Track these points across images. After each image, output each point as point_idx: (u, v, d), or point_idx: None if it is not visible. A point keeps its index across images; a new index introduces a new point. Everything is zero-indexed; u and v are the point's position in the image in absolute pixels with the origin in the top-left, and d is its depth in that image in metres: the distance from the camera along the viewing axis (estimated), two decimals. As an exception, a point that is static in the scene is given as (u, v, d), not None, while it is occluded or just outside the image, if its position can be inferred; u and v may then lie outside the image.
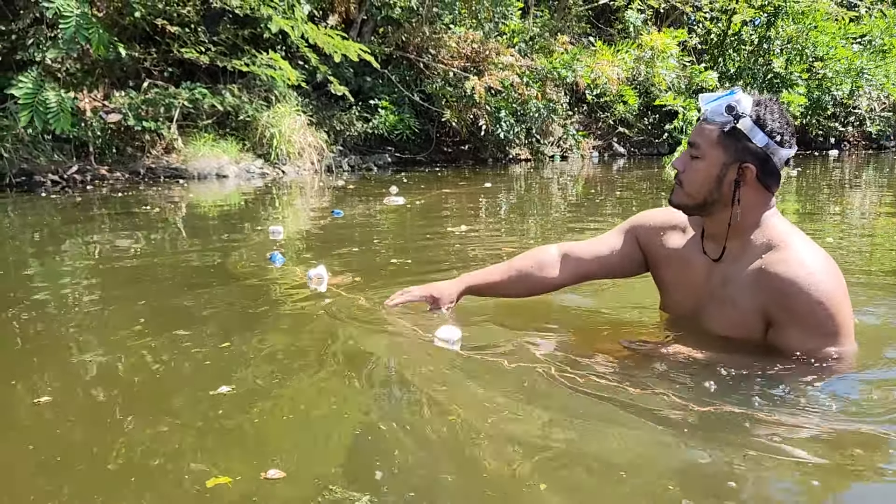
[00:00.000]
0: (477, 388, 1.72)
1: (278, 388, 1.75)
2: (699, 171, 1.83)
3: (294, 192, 7.64)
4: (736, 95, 1.78)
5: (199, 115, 8.72)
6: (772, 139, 1.76)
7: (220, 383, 1.75)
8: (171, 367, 1.91)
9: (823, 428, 1.50)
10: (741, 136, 1.76)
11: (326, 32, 8.36)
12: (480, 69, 10.87)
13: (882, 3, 17.08)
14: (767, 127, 1.76)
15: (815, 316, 1.73)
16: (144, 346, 2.07)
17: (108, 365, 1.93)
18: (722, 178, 1.80)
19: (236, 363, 1.92)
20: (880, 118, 17.10)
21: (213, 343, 2.07)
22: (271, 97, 9.22)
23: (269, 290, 2.83)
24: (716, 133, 1.79)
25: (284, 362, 1.94)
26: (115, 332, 2.22)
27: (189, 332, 2.17)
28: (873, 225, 4.85)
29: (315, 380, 1.83)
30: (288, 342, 2.12)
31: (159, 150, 8.33)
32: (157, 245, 3.98)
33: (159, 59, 8.91)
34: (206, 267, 3.28)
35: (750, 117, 1.76)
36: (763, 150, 1.76)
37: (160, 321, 2.33)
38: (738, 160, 1.78)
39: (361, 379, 1.81)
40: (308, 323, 2.29)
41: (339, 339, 2.12)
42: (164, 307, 2.52)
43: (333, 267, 3.04)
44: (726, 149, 1.79)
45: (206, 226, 4.85)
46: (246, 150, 8.90)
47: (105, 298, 2.68)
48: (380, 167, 10.53)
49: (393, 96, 10.80)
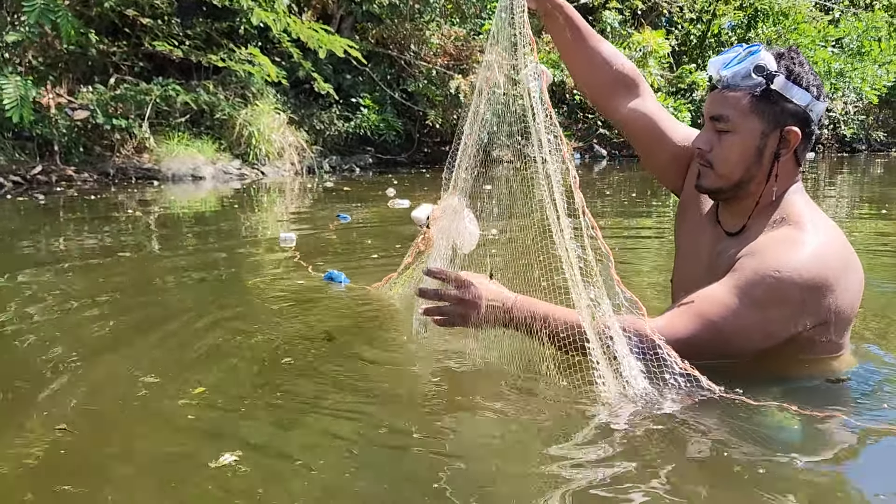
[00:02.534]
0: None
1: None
2: (733, 145, 1.58)
3: (280, 194, 7.20)
4: (761, 52, 1.54)
5: (171, 113, 8.22)
6: (810, 94, 1.53)
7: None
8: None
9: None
10: (777, 97, 1.53)
11: (311, 26, 7.93)
12: (464, 68, 10.54)
13: (856, 7, 17.23)
14: (803, 81, 1.53)
15: (754, 274, 1.48)
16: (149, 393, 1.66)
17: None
18: (762, 149, 1.56)
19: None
20: (854, 121, 17.23)
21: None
22: (248, 94, 8.76)
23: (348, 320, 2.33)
24: (746, 99, 1.55)
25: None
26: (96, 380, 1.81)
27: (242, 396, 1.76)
28: (850, 228, 4.65)
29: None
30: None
31: (130, 149, 7.81)
32: (143, 260, 3.52)
33: (129, 52, 8.39)
34: (216, 284, 2.85)
35: (781, 74, 1.52)
36: (804, 109, 1.53)
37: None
38: (780, 125, 1.54)
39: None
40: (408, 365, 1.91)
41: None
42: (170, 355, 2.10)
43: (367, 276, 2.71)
44: (763, 115, 1.54)
45: (200, 232, 4.40)
46: (222, 149, 8.42)
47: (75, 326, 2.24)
48: (362, 168, 10.13)
49: (374, 95, 10.40)
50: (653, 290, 2.67)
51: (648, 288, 2.73)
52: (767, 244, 1.54)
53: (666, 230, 4.38)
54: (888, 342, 2.01)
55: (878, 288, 2.70)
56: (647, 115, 1.82)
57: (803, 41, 14.57)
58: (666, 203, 6.50)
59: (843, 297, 1.54)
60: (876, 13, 16.84)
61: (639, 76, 1.87)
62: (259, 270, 3.12)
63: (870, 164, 15.22)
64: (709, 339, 1.47)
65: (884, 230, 4.52)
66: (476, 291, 1.61)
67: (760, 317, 1.47)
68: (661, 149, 1.83)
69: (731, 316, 1.47)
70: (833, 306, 1.52)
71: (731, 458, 1.29)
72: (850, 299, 1.56)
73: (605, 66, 1.82)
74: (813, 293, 1.49)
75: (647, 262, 3.42)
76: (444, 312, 1.65)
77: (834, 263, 1.52)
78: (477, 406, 1.58)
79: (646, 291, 2.60)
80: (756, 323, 1.48)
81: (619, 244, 3.78)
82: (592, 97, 1.93)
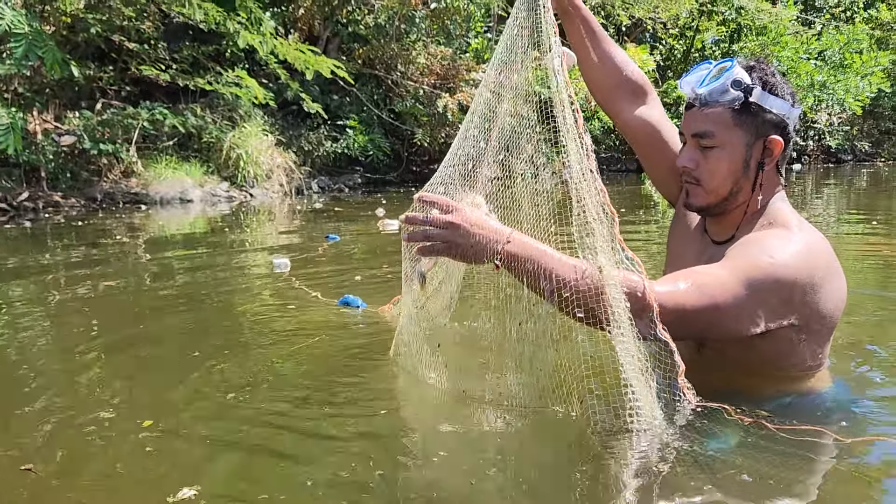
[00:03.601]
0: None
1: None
2: (721, 160, 1.59)
3: (269, 216, 7.18)
4: (736, 67, 1.56)
5: (159, 137, 8.21)
6: (786, 101, 1.56)
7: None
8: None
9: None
10: (757, 108, 1.55)
11: (298, 47, 7.95)
12: (451, 87, 10.59)
13: (837, 21, 17.46)
14: (779, 90, 1.56)
15: (751, 258, 1.48)
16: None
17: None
18: (748, 160, 1.59)
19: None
20: (839, 132, 17.40)
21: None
22: (235, 117, 8.76)
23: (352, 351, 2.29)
24: (728, 114, 1.57)
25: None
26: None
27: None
28: (836, 240, 4.68)
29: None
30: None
31: (117, 173, 7.79)
32: (133, 290, 3.48)
33: (115, 77, 8.39)
34: (209, 314, 2.81)
35: (757, 86, 1.55)
36: (782, 117, 1.56)
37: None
38: (761, 135, 1.57)
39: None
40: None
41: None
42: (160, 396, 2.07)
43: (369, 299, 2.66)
44: (745, 127, 1.56)
45: (191, 258, 4.37)
46: (210, 172, 8.41)
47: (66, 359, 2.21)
48: (350, 188, 10.13)
49: (362, 115, 10.43)
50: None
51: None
52: (759, 237, 1.56)
53: (652, 240, 4.54)
54: (866, 354, 2.03)
55: (859, 293, 2.71)
56: (651, 123, 1.84)
57: (786, 54, 14.75)
58: (652, 215, 6.53)
59: (827, 299, 1.54)
60: (857, 26, 17.07)
61: (648, 84, 1.90)
62: (254, 299, 3.03)
63: (856, 174, 15.36)
64: (704, 313, 1.45)
65: (871, 241, 4.54)
66: (466, 216, 1.47)
67: (753, 300, 1.46)
68: (660, 158, 1.85)
69: (729, 294, 1.45)
70: (815, 306, 1.52)
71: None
72: (832, 305, 1.56)
73: (615, 70, 1.85)
74: (799, 287, 1.49)
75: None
76: (429, 236, 1.49)
77: (820, 264, 1.53)
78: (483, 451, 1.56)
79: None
80: (748, 305, 1.46)
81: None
82: (600, 98, 1.93)
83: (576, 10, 1.81)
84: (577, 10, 1.81)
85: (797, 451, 1.38)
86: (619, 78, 1.86)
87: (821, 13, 18.06)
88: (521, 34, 1.67)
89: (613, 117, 1.92)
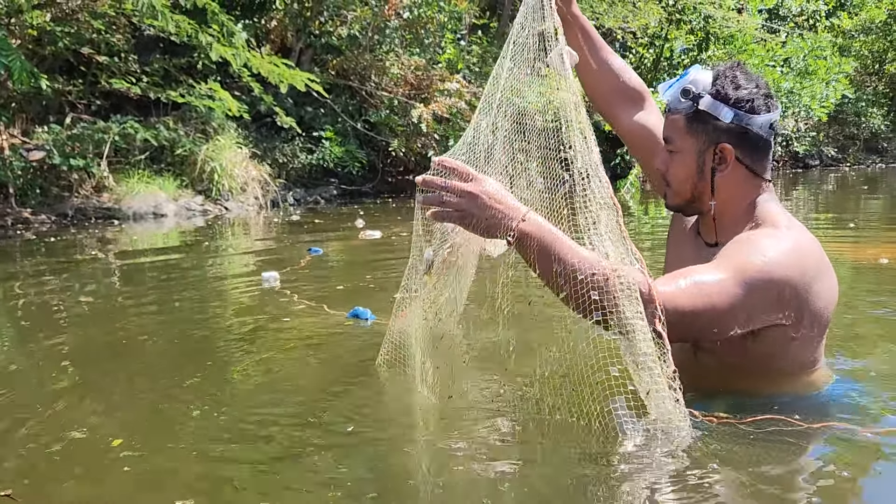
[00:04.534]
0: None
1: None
2: (679, 164, 1.66)
3: (245, 229, 7.09)
4: (689, 76, 1.62)
5: (130, 151, 8.07)
6: (739, 109, 1.57)
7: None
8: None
9: None
10: (707, 117, 1.59)
11: (271, 61, 7.89)
12: (426, 97, 10.59)
13: (801, 28, 17.83)
14: (731, 98, 1.57)
15: (744, 258, 1.49)
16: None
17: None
18: (702, 166, 1.63)
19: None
20: (805, 138, 17.74)
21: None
22: (208, 130, 8.66)
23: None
24: (682, 121, 1.63)
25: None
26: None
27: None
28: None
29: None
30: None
31: (88, 189, 7.64)
32: (111, 310, 3.40)
33: (85, 90, 8.24)
34: (205, 331, 2.75)
35: (710, 94, 1.58)
36: (736, 125, 1.57)
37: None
38: (713, 142, 1.60)
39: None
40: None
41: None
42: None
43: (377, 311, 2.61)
44: (697, 134, 1.62)
45: (173, 274, 4.29)
46: (184, 186, 8.29)
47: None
48: (326, 200, 10.07)
49: (336, 126, 10.38)
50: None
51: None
52: (750, 237, 1.57)
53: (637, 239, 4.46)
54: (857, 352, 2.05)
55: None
56: (648, 127, 1.87)
57: (753, 62, 15.01)
58: (634, 216, 6.59)
59: (818, 297, 1.56)
60: (820, 34, 17.46)
61: (645, 90, 1.93)
62: (245, 312, 2.96)
63: (823, 179, 15.67)
64: (703, 314, 1.45)
65: (840, 243, 4.62)
66: (484, 188, 1.44)
67: (748, 298, 1.46)
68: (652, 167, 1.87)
69: (725, 293, 1.45)
70: (807, 304, 1.53)
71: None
72: (822, 304, 1.58)
73: (613, 76, 1.89)
74: (791, 285, 1.50)
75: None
76: (445, 202, 1.46)
77: (811, 263, 1.55)
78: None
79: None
80: (744, 304, 1.47)
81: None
82: (599, 104, 1.95)
83: (574, 18, 1.84)
84: (576, 19, 1.85)
85: (792, 449, 1.39)
86: (616, 84, 1.89)
87: (785, 21, 18.44)
88: (526, 36, 1.70)
89: (611, 122, 1.95)
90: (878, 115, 21.13)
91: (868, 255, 4.01)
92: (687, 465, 1.34)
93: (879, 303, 2.78)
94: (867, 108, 20.82)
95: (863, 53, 22.00)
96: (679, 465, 1.34)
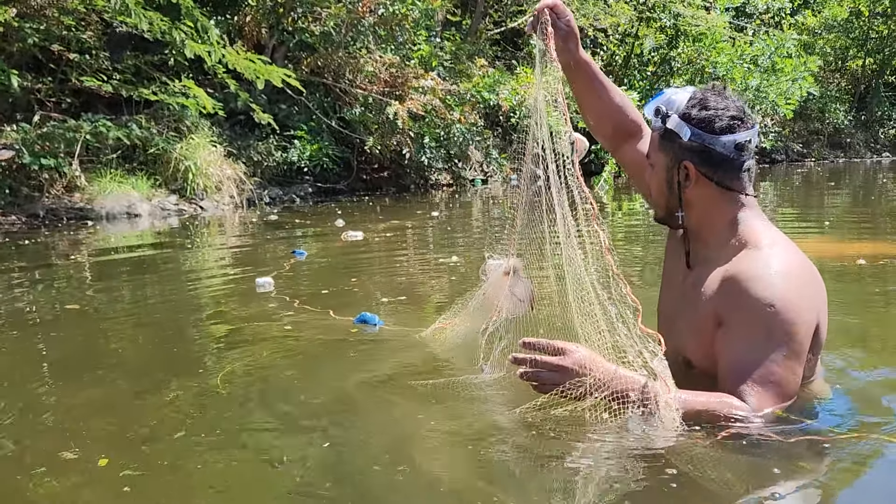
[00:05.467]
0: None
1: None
2: (654, 178, 1.78)
3: (221, 228, 7.01)
4: (665, 95, 1.72)
5: (102, 150, 7.92)
6: (701, 129, 1.63)
7: None
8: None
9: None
10: (673, 135, 1.68)
11: (247, 57, 7.79)
12: (401, 94, 10.56)
13: (766, 26, 18.13)
14: (694, 119, 1.64)
15: (762, 318, 1.53)
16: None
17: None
18: (671, 182, 1.73)
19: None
20: (772, 132, 18.06)
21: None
22: (182, 128, 8.53)
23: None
24: (656, 138, 1.74)
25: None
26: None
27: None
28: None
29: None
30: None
31: (60, 188, 7.47)
32: (92, 317, 3.33)
33: (55, 88, 8.07)
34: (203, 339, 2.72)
35: (678, 114, 1.66)
36: (698, 143, 1.64)
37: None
38: (678, 159, 1.69)
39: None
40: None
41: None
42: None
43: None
44: (665, 151, 1.72)
45: (155, 276, 4.23)
46: (158, 185, 8.17)
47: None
48: (302, 198, 9.99)
49: (311, 124, 10.31)
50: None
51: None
52: (736, 282, 1.58)
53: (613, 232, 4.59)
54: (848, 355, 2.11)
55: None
56: (643, 155, 1.93)
57: (721, 59, 15.24)
58: (609, 211, 6.66)
59: (820, 311, 1.62)
60: (786, 31, 17.77)
61: (642, 121, 2.03)
62: (251, 319, 2.89)
63: (790, 174, 15.99)
64: (783, 396, 1.53)
65: (818, 243, 4.72)
66: (576, 359, 1.53)
67: (793, 351, 1.54)
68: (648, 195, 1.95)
69: (783, 369, 1.53)
70: (814, 321, 1.59)
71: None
72: (822, 314, 1.63)
73: (617, 116, 2.00)
74: (800, 313, 1.54)
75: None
76: (540, 379, 1.56)
77: (803, 281, 1.60)
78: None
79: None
80: (795, 359, 1.54)
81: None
82: (601, 138, 2.07)
83: (578, 65, 1.92)
84: (582, 66, 1.93)
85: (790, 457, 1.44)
86: (618, 120, 2.01)
87: (751, 19, 18.73)
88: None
89: (614, 155, 2.10)
90: (840, 111, 21.60)
91: (847, 255, 4.09)
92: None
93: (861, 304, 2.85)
94: (830, 104, 21.27)
95: (826, 51, 22.47)
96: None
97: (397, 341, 2.38)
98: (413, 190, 11.45)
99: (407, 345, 2.31)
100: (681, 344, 1.69)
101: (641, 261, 4.27)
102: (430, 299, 3.21)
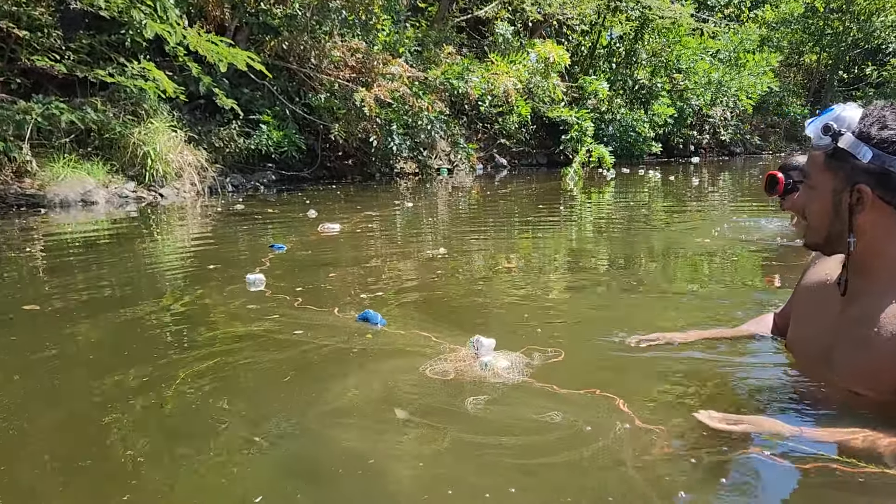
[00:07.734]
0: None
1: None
2: (815, 201, 1.64)
3: (183, 219, 6.72)
4: (834, 112, 1.58)
5: (55, 133, 7.54)
6: (883, 150, 1.51)
7: None
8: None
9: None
10: (846, 155, 1.54)
11: (210, 39, 7.48)
12: (367, 81, 10.33)
13: (729, 20, 18.34)
14: (874, 138, 1.51)
15: None
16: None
17: None
18: (838, 205, 1.59)
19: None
20: (731, 125, 18.31)
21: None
22: (140, 111, 8.18)
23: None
24: (821, 158, 1.60)
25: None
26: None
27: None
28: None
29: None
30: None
31: (9, 174, 7.10)
32: (64, 317, 3.10)
33: (2, 68, 7.64)
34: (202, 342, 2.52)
35: (853, 133, 1.53)
36: (877, 165, 1.51)
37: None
38: (850, 182, 1.56)
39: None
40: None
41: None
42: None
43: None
44: (835, 173, 1.58)
45: (122, 271, 3.97)
46: (114, 171, 7.82)
47: None
48: (265, 186, 9.71)
49: (275, 109, 10.01)
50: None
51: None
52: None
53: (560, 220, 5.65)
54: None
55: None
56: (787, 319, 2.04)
57: (686, 52, 15.34)
58: (559, 201, 6.62)
59: None
60: (749, 26, 18.00)
61: (767, 316, 2.22)
62: (251, 319, 2.69)
63: (747, 166, 16.22)
64: None
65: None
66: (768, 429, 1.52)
67: None
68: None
69: None
70: None
71: None
72: None
73: (765, 332, 2.16)
74: None
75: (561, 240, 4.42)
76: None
77: None
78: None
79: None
80: None
81: (534, 231, 5.04)
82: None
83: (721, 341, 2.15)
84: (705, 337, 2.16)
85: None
86: (767, 333, 2.17)
87: (713, 12, 18.92)
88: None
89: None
90: (797, 104, 22.03)
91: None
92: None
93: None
94: (787, 97, 21.67)
95: (783, 45, 22.87)
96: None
97: (399, 344, 2.24)
98: (378, 178, 11.26)
99: (406, 350, 2.17)
100: (846, 375, 1.61)
101: (609, 257, 4.18)
102: (432, 297, 3.06)
